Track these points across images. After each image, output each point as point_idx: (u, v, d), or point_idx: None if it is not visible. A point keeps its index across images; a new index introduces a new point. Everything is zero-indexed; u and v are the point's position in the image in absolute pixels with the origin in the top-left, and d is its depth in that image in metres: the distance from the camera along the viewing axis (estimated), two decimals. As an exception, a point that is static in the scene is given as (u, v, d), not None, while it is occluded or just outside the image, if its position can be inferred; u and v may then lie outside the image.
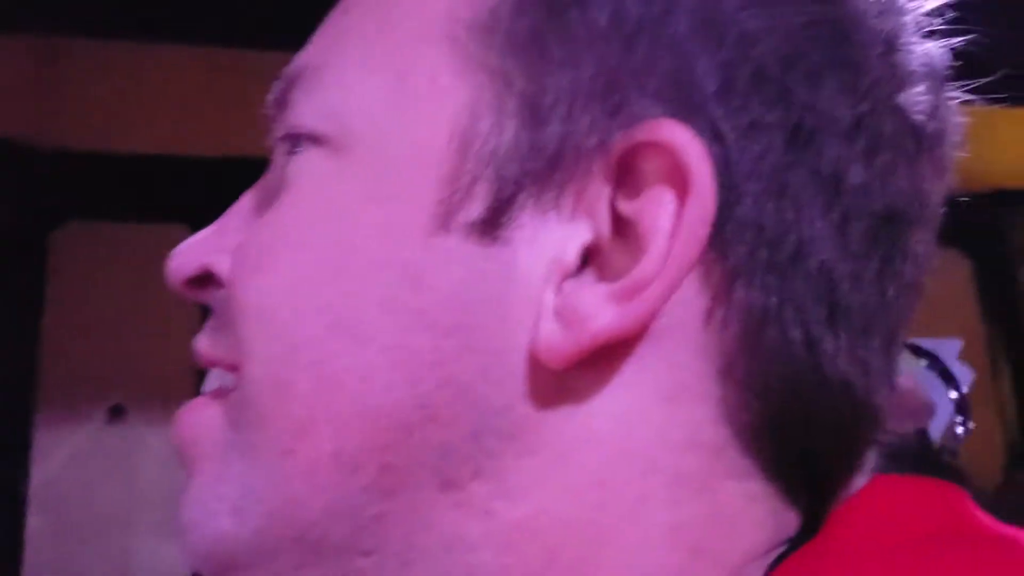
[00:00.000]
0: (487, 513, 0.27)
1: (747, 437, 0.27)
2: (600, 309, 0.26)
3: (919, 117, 0.29)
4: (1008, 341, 2.81)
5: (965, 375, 1.83)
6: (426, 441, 0.27)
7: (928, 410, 1.57)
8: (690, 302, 0.27)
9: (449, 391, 0.27)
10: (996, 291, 2.94)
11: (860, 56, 0.28)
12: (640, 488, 0.27)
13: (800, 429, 0.28)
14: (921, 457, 1.04)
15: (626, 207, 0.27)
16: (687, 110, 0.26)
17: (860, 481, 0.30)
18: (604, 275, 0.27)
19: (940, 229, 0.31)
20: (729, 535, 0.27)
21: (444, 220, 0.27)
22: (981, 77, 0.32)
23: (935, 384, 1.67)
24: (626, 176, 0.27)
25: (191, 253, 0.32)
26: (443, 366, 0.27)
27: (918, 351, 1.70)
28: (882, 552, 0.26)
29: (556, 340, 0.26)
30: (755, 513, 0.28)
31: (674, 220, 0.26)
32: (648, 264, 0.26)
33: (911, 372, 1.62)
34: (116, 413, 2.21)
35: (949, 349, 1.92)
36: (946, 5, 0.30)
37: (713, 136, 0.26)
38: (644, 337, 0.27)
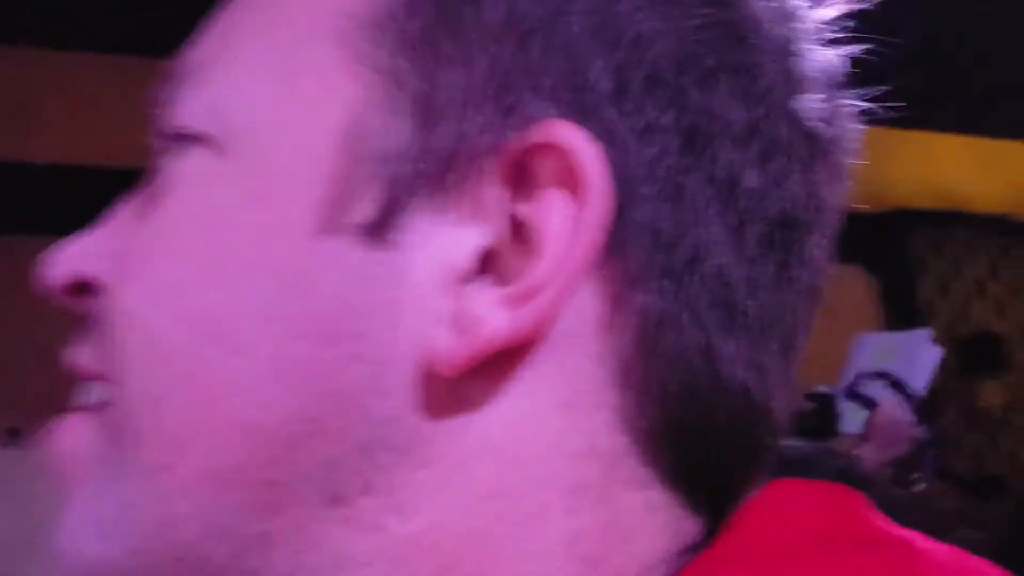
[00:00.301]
0: (378, 528, 0.26)
1: (646, 445, 0.27)
2: (493, 314, 0.26)
3: (814, 123, 0.29)
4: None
5: (934, 355, 1.87)
6: (311, 456, 0.26)
7: (911, 440, 1.62)
8: (587, 307, 0.26)
9: (335, 403, 0.26)
10: (897, 306, 3.05)
11: (755, 60, 0.28)
12: (536, 498, 0.26)
13: (699, 436, 0.27)
14: (823, 465, 1.06)
15: (523, 210, 0.26)
16: (582, 112, 0.26)
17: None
18: (501, 280, 0.26)
19: (844, 247, 0.31)
20: (627, 544, 0.27)
21: (330, 223, 0.26)
22: (878, 87, 0.32)
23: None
24: (523, 178, 0.26)
25: (65, 260, 0.30)
26: (328, 377, 0.26)
27: (882, 376, 1.75)
28: (777, 555, 0.26)
29: (448, 347, 0.26)
30: (655, 521, 0.27)
31: (569, 223, 0.25)
32: (542, 268, 0.25)
33: (893, 402, 1.66)
34: (12, 436, 2.13)
35: (920, 338, 1.96)
36: (845, 15, 0.31)
37: (608, 138, 0.26)
38: (540, 343, 0.26)
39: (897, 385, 1.74)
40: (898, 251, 3.11)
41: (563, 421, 0.26)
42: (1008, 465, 3.02)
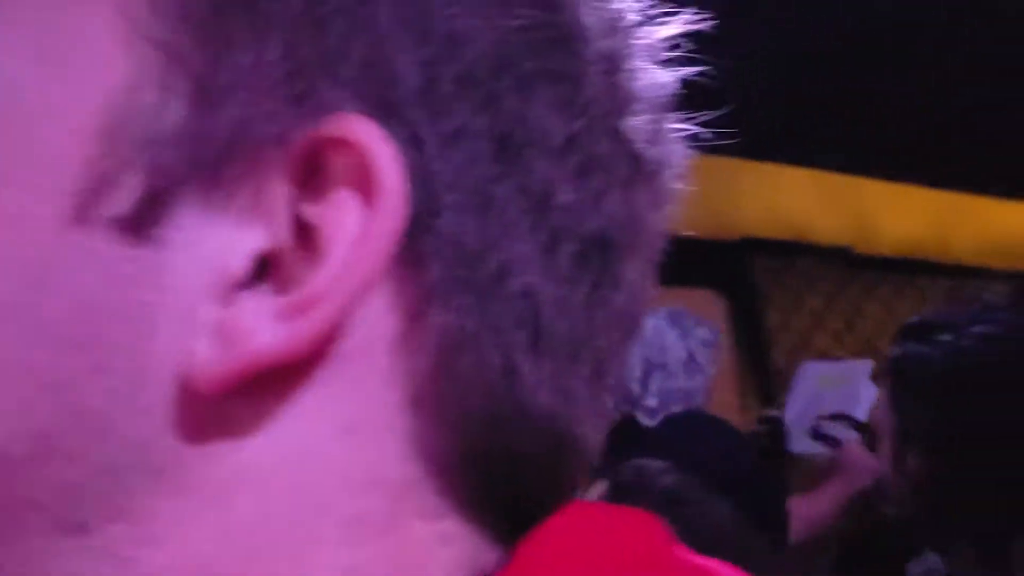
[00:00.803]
0: (123, 561, 0.23)
1: (441, 473, 0.25)
2: (263, 326, 0.23)
3: (638, 142, 0.28)
4: (757, 375, 3.03)
5: (871, 392, 1.97)
6: (45, 478, 0.23)
7: (874, 473, 1.73)
8: (379, 323, 0.24)
9: (76, 420, 0.23)
10: (747, 329, 3.16)
11: (579, 71, 0.26)
12: (309, 531, 0.24)
13: (500, 463, 0.26)
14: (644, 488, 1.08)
15: (309, 211, 0.24)
16: (383, 108, 0.24)
17: None
18: (281, 289, 0.24)
19: (698, 271, 0.29)
20: None
21: (83, 213, 0.23)
22: (721, 115, 0.31)
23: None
24: (312, 176, 0.24)
25: None
26: (69, 389, 0.23)
27: (839, 417, 1.84)
28: None
29: (209, 361, 0.23)
30: (448, 554, 0.25)
31: (357, 229, 0.23)
32: (322, 277, 0.23)
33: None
34: None
35: (861, 371, 2.04)
36: (682, 35, 0.29)
37: (411, 139, 0.24)
38: (322, 361, 0.24)
39: (854, 422, 1.84)
40: (746, 278, 3.24)
41: (345, 447, 0.24)
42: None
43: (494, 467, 0.26)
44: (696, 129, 0.30)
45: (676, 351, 1.72)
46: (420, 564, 0.25)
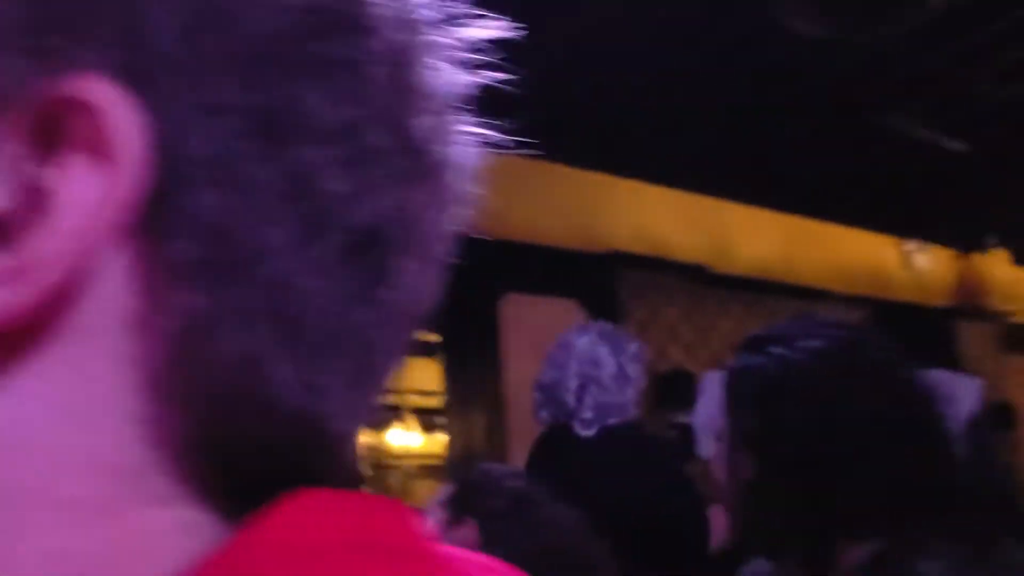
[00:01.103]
0: None
1: (179, 460, 0.24)
2: None
3: (421, 139, 0.27)
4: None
5: None
6: None
7: None
8: (114, 299, 0.23)
9: None
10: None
11: (362, 59, 0.26)
12: (17, 512, 0.23)
13: (244, 454, 0.25)
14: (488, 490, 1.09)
15: (44, 174, 0.22)
16: (133, 73, 0.23)
17: None
18: (7, 254, 0.22)
19: (561, 282, 0.29)
20: (137, 566, 0.24)
21: None
22: (519, 121, 0.31)
23: None
24: (50, 138, 0.23)
25: None
26: None
27: None
28: (285, 561, 0.24)
29: None
30: (180, 542, 0.24)
31: (88, 195, 0.22)
32: (44, 243, 0.22)
33: None
34: None
35: None
36: (491, 41, 0.29)
37: (161, 108, 0.23)
38: (45, 335, 0.23)
39: None
40: (607, 289, 3.32)
41: (64, 428, 0.23)
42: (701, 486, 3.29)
43: (237, 457, 0.25)
44: (491, 133, 0.29)
45: (608, 366, 1.76)
46: (145, 550, 0.24)
